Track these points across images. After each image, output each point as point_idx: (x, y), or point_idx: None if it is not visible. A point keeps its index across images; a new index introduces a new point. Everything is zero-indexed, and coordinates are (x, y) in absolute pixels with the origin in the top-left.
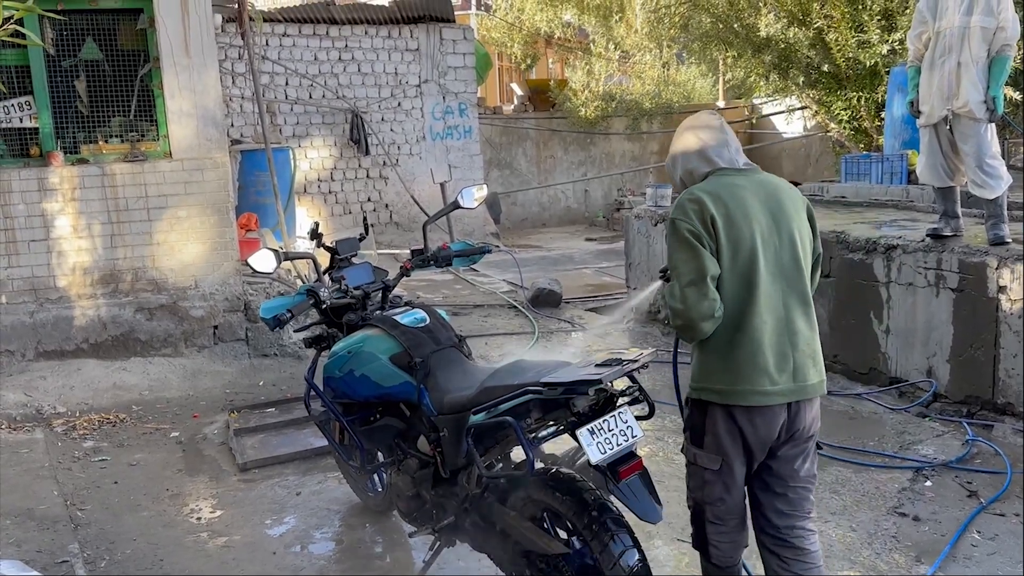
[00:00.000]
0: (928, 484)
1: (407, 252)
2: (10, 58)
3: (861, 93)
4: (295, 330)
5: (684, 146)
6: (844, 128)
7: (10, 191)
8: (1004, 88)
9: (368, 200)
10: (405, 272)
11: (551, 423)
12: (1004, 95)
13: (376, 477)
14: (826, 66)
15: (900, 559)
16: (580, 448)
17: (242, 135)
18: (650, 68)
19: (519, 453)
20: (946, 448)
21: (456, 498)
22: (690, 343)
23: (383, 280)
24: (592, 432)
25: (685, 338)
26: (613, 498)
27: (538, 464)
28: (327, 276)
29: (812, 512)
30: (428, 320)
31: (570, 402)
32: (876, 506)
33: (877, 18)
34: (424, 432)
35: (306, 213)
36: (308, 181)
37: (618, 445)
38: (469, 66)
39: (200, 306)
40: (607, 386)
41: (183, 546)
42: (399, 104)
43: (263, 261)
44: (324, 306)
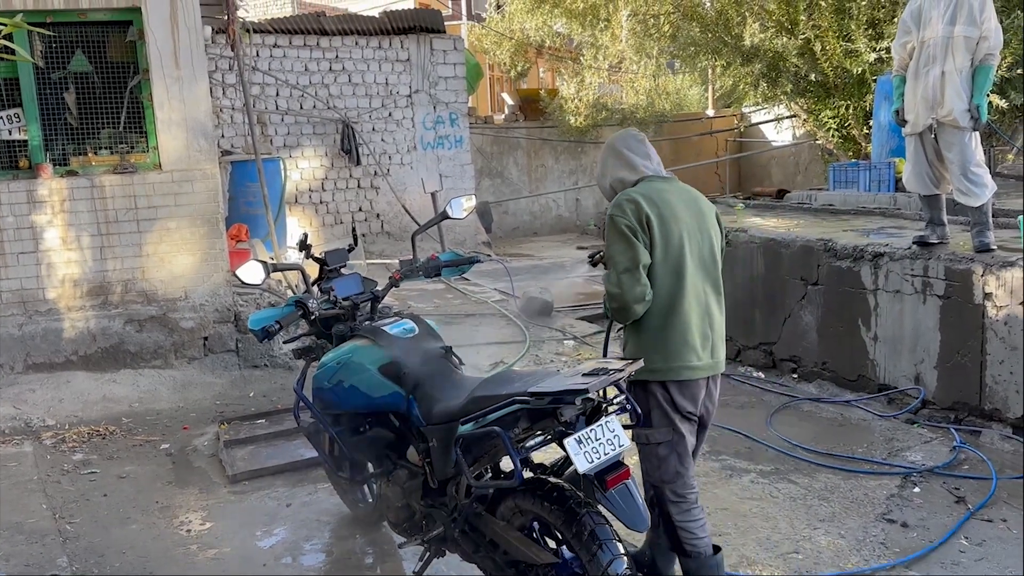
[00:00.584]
0: (916, 491)
1: (398, 262)
2: None
3: (849, 101)
4: (284, 341)
5: (614, 158)
6: (833, 136)
7: None
8: (990, 96)
9: (359, 210)
10: (394, 283)
11: (539, 433)
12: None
13: (366, 488)
14: (814, 75)
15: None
16: (568, 458)
17: (232, 146)
18: (641, 78)
19: (508, 463)
20: (934, 454)
21: (445, 508)
22: (622, 323)
23: (372, 291)
24: (580, 442)
25: (619, 320)
26: (601, 507)
27: (526, 474)
28: (316, 287)
29: None
30: (417, 330)
31: (557, 412)
32: (865, 513)
33: (864, 27)
34: (413, 442)
35: (297, 223)
36: (299, 191)
37: (605, 454)
38: (460, 76)
39: (190, 317)
40: (594, 395)
41: (172, 559)
42: (390, 114)
43: (251, 273)
44: (313, 317)
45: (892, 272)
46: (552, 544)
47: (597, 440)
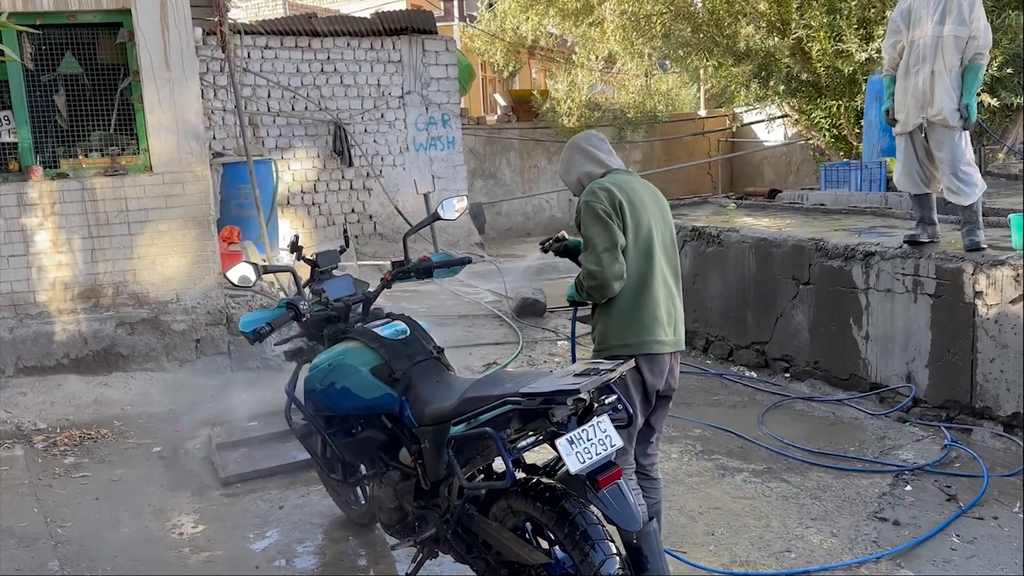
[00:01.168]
0: (908, 489)
1: (390, 264)
2: None
3: (840, 101)
4: (276, 343)
5: (580, 155)
6: (824, 136)
7: None
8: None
9: (352, 211)
10: (386, 284)
11: (531, 433)
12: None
13: (358, 490)
14: (806, 75)
15: (881, 564)
16: (560, 458)
17: (224, 148)
18: (633, 77)
19: (500, 464)
20: (926, 452)
21: (438, 510)
22: (598, 301)
23: (364, 292)
24: (571, 442)
25: (596, 297)
26: (593, 507)
27: (518, 474)
28: (307, 289)
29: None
30: (408, 332)
31: (549, 412)
32: (857, 511)
33: (855, 27)
34: (406, 444)
35: (289, 225)
36: (291, 193)
37: (597, 454)
38: (452, 77)
39: (182, 320)
40: (585, 396)
41: (165, 562)
42: (382, 115)
43: (242, 275)
44: (304, 319)
45: (883, 271)
46: (545, 544)
47: (589, 440)
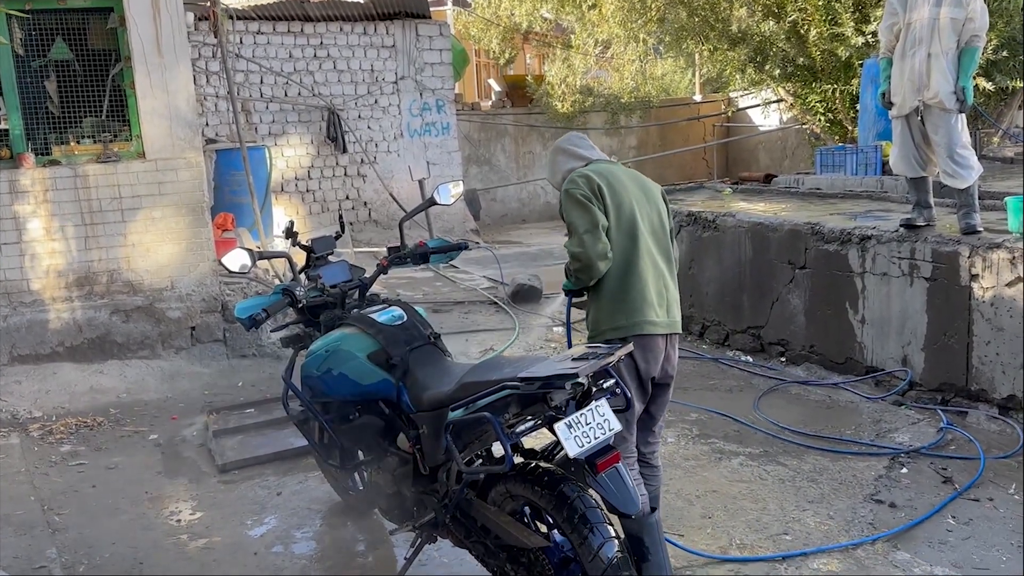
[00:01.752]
0: (904, 471)
1: (385, 250)
2: None
3: (836, 85)
4: (272, 330)
5: (563, 155)
6: (820, 120)
7: None
8: (977, 78)
9: (347, 198)
10: (382, 270)
11: (529, 418)
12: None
13: (356, 475)
14: (801, 59)
15: (877, 545)
16: (558, 442)
17: (217, 134)
18: (628, 62)
19: (499, 448)
20: (921, 435)
21: (436, 495)
22: (586, 284)
23: (360, 278)
24: (570, 426)
25: (583, 280)
26: (592, 491)
27: (516, 459)
28: (303, 275)
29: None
30: (405, 317)
31: (547, 396)
32: (853, 494)
33: (851, 11)
34: (403, 429)
35: (283, 212)
36: (285, 180)
37: (595, 438)
38: (446, 62)
39: (177, 307)
40: (584, 380)
41: (163, 549)
42: (376, 101)
43: (237, 261)
44: (300, 305)
45: (879, 255)
46: (543, 528)
47: (587, 424)
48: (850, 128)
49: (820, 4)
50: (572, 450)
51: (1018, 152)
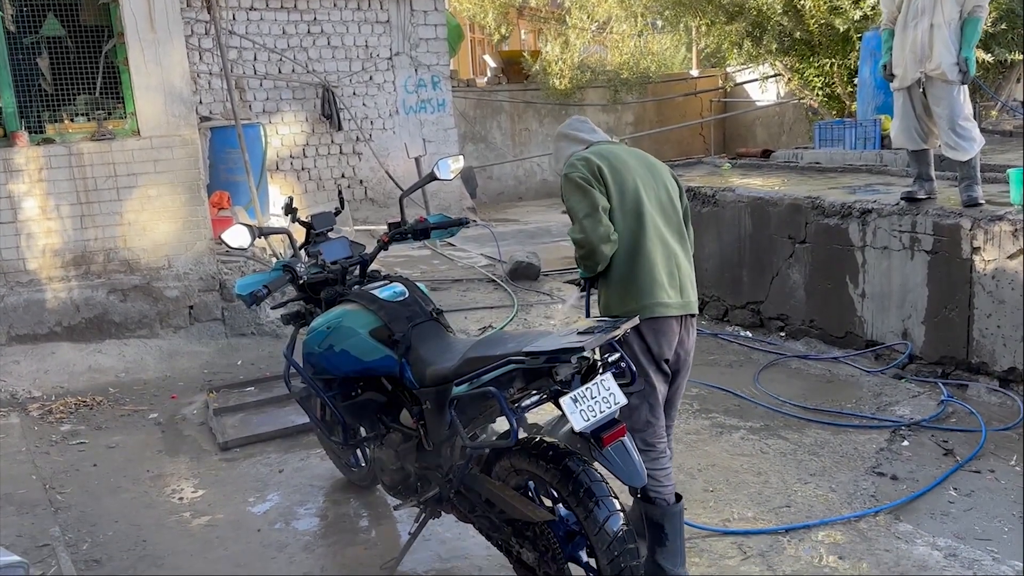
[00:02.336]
0: (905, 444)
1: (383, 228)
2: None
3: (834, 59)
4: (272, 307)
5: (565, 141)
6: (818, 95)
7: None
8: (976, 51)
9: (342, 176)
10: (383, 245)
11: (534, 392)
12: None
13: (359, 452)
14: (799, 33)
15: (880, 517)
16: (564, 416)
17: (211, 112)
18: (627, 37)
19: (503, 423)
20: (922, 408)
21: (440, 470)
22: (593, 270)
23: (361, 254)
24: (575, 400)
25: (590, 266)
26: (597, 464)
27: (521, 433)
28: (303, 251)
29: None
30: (407, 294)
31: (553, 371)
32: (855, 466)
33: None
34: (407, 405)
35: (279, 190)
36: (280, 158)
37: (601, 412)
38: (441, 38)
39: (174, 286)
40: (589, 354)
41: (165, 526)
42: (371, 78)
43: (237, 236)
44: (301, 281)
45: (880, 228)
46: (548, 502)
47: (593, 398)
48: (848, 102)
49: None
50: (577, 424)
51: (1017, 125)
